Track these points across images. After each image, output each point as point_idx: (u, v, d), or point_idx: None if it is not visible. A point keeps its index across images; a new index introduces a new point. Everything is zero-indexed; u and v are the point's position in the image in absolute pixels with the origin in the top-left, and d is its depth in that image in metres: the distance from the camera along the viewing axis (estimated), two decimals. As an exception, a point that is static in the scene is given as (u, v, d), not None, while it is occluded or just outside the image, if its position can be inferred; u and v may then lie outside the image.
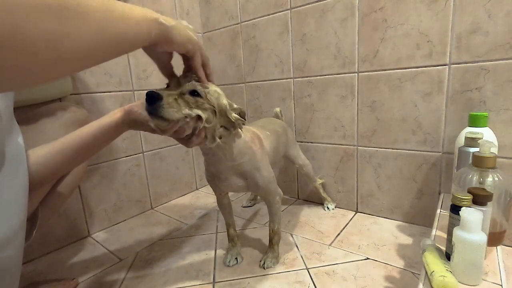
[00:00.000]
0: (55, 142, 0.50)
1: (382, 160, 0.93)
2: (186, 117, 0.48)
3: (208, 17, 1.29)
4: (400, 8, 0.81)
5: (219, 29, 1.26)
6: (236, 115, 0.57)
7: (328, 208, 1.05)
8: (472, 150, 0.63)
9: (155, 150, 1.17)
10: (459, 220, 0.46)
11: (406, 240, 0.83)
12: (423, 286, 0.47)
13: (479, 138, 0.63)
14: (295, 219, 1.00)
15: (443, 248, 0.54)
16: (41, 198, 0.57)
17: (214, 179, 0.69)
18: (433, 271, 0.46)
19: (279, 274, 0.71)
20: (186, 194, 1.32)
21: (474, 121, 0.68)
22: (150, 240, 0.93)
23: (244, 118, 0.59)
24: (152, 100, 0.44)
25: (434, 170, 0.84)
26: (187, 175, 1.33)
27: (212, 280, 0.71)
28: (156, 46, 0.41)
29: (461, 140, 0.68)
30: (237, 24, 1.19)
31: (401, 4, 0.81)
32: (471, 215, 0.44)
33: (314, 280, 0.68)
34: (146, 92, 0.44)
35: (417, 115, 0.84)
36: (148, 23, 0.37)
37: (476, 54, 0.72)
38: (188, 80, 0.50)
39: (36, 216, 0.56)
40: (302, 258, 0.77)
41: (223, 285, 0.69)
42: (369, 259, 0.75)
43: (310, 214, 1.03)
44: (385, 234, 0.87)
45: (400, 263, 0.72)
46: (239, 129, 0.60)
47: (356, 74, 0.92)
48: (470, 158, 0.60)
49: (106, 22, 0.30)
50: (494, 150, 0.63)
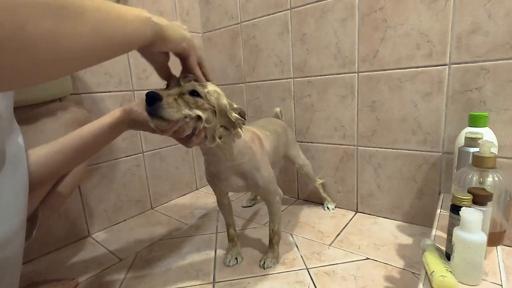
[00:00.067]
0: (55, 142, 0.50)
1: (382, 160, 0.93)
2: (186, 117, 0.48)
3: (208, 17, 1.29)
4: (400, 8, 0.81)
5: (219, 29, 1.26)
6: (236, 115, 0.57)
7: (328, 208, 1.05)
8: (472, 150, 0.63)
9: (155, 150, 1.17)
10: (459, 220, 0.46)
11: (406, 240, 0.83)
12: (423, 286, 0.47)
13: (479, 138, 0.63)
14: (295, 219, 1.00)
15: (443, 248, 0.54)
16: (41, 198, 0.57)
17: (214, 179, 0.69)
18: (433, 271, 0.46)
19: (279, 274, 0.71)
20: (186, 194, 1.32)
21: (474, 121, 0.68)
22: (150, 240, 0.93)
23: (244, 118, 0.59)
24: (152, 100, 0.44)
25: (434, 170, 0.84)
26: (187, 175, 1.33)
27: (212, 280, 0.71)
28: (152, 46, 0.42)
29: (461, 140, 0.68)
30: (237, 24, 1.19)
31: (401, 4, 0.81)
32: (471, 215, 0.44)
33: (314, 280, 0.68)
34: (146, 92, 0.44)
35: (417, 115, 0.84)
36: (143, 23, 0.38)
37: (476, 54, 0.72)
38: (188, 80, 0.50)
39: (36, 216, 0.56)
40: (302, 258, 0.77)
41: (223, 285, 0.69)
42: (369, 259, 0.75)
43: (310, 214, 1.03)
44: (385, 234, 0.87)
45: (400, 263, 0.72)
46: (239, 129, 0.60)
47: (356, 74, 0.92)
48: (470, 158, 0.60)
49: (103, 22, 0.30)
50: (494, 150, 0.63)
